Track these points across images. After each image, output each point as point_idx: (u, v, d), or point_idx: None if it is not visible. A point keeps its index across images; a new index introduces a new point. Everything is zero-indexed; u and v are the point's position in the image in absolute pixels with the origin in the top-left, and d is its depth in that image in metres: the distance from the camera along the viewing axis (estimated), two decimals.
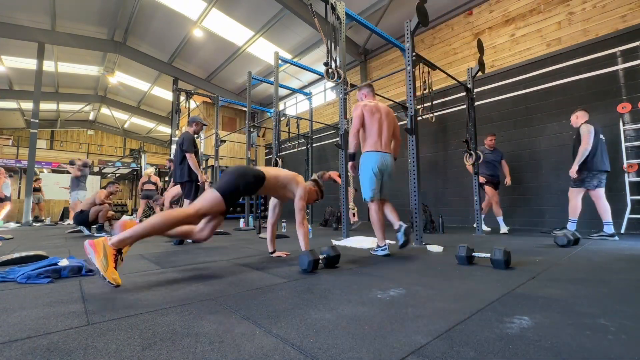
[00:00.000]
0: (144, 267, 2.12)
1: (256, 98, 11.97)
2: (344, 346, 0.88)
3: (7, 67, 10.77)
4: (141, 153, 12.18)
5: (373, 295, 1.38)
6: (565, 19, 5.14)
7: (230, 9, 7.66)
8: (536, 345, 0.87)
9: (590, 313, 1.13)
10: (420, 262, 2.22)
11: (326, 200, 9.30)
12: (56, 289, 1.52)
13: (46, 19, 8.30)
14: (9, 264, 2.12)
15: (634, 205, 4.17)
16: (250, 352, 0.84)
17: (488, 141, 4.90)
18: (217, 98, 7.82)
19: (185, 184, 3.78)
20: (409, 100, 3.32)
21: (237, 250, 2.94)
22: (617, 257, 2.34)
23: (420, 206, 3.17)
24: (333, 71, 3.55)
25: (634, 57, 4.44)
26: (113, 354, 0.84)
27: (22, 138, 14.42)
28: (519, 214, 5.38)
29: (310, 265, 1.84)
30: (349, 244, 3.22)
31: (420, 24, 3.31)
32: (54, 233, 5.26)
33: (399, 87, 7.53)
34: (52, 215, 11.16)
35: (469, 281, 1.63)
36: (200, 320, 1.09)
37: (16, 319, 1.10)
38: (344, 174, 4.06)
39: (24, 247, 3.24)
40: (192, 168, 3.73)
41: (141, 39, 9.46)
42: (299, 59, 8.93)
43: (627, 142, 4.35)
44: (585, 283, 1.58)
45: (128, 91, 13.48)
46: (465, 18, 6.50)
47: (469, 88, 4.52)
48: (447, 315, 1.12)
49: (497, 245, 2.01)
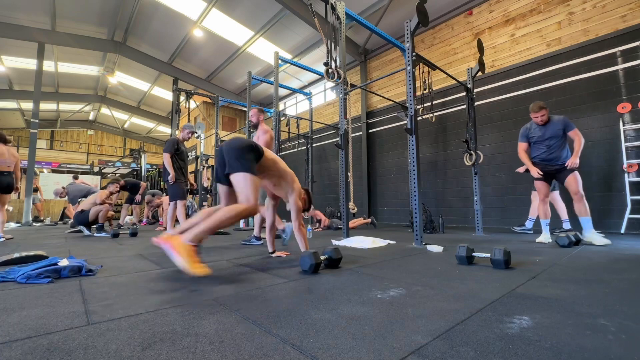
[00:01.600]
0: (144, 267, 2.12)
1: (256, 98, 11.97)
2: (344, 346, 0.88)
3: (7, 67, 10.77)
4: (141, 153, 12.19)
5: (373, 295, 1.38)
6: (565, 19, 5.14)
7: (230, 9, 7.66)
8: (536, 345, 0.87)
9: (590, 313, 1.13)
10: (420, 262, 2.22)
11: (326, 200, 9.31)
12: (56, 289, 1.52)
13: (46, 19, 8.30)
14: (9, 264, 2.13)
15: (634, 205, 4.17)
16: (250, 352, 0.84)
17: (536, 116, 3.26)
18: (217, 98, 7.82)
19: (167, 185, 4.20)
20: (409, 100, 3.32)
21: (237, 250, 2.94)
22: (617, 257, 2.34)
23: (420, 206, 3.17)
24: (333, 71, 3.55)
25: (634, 57, 4.44)
26: (113, 354, 0.84)
27: (22, 138, 14.42)
28: (519, 214, 5.37)
29: (311, 269, 1.84)
30: (349, 244, 3.22)
31: (420, 24, 3.31)
32: (54, 233, 5.26)
33: (399, 87, 7.53)
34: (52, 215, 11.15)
35: (469, 281, 1.63)
36: (200, 320, 1.09)
37: (16, 319, 1.10)
38: (344, 173, 4.06)
39: (24, 247, 3.24)
40: (167, 168, 4.06)
41: (141, 39, 9.46)
42: (299, 59, 8.93)
43: (627, 142, 4.35)
44: (585, 283, 1.58)
45: (128, 91, 13.49)
46: (465, 18, 6.50)
47: (469, 88, 4.52)
48: (447, 315, 1.12)
49: (497, 246, 2.01)
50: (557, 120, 3.24)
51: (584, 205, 3.07)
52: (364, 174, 8.08)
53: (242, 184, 1.87)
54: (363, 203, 7.95)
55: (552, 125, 3.25)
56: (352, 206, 5.57)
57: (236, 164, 1.90)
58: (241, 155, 1.93)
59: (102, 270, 1.98)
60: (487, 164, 5.67)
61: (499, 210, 5.60)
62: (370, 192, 8.04)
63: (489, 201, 5.67)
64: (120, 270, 2.01)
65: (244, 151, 1.95)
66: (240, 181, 1.88)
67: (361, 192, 8.04)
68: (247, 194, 1.84)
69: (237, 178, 1.89)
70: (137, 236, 4.38)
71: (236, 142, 2.00)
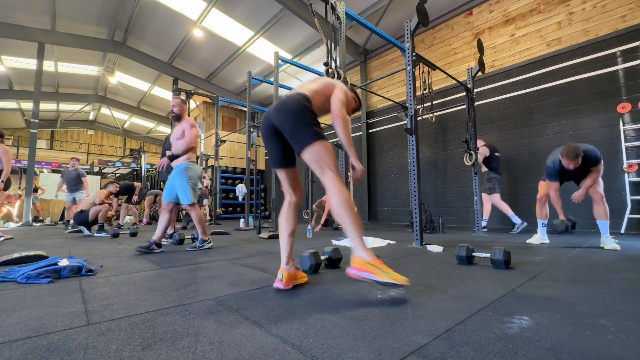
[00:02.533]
0: (144, 267, 2.12)
1: (256, 98, 11.97)
2: (344, 346, 0.88)
3: (7, 67, 10.77)
4: (141, 153, 12.18)
5: (373, 295, 1.38)
6: (565, 19, 5.14)
7: (230, 9, 7.66)
8: (536, 345, 0.87)
9: (590, 313, 1.13)
10: (420, 262, 2.22)
11: None
12: (56, 289, 1.52)
13: (46, 19, 8.30)
14: (9, 264, 2.13)
15: (634, 205, 4.17)
16: (250, 352, 0.84)
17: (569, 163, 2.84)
18: (217, 98, 7.82)
19: None
20: (409, 100, 3.32)
21: (237, 250, 2.94)
22: (617, 257, 2.34)
23: (420, 206, 3.17)
24: (333, 71, 3.54)
25: (634, 57, 4.44)
26: (113, 354, 0.84)
27: (22, 138, 14.42)
28: (519, 214, 5.37)
29: (311, 269, 1.84)
30: (349, 244, 3.21)
31: (420, 24, 3.31)
32: (54, 233, 5.26)
33: (399, 87, 7.53)
34: (52, 215, 11.15)
35: (469, 281, 1.63)
36: (200, 320, 1.09)
37: (16, 319, 1.10)
38: (344, 173, 4.06)
39: (24, 247, 3.24)
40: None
41: (141, 39, 9.45)
42: (299, 59, 8.92)
43: (627, 142, 4.35)
44: (585, 283, 1.58)
45: (128, 91, 13.48)
46: (465, 18, 6.50)
47: (469, 88, 4.52)
48: (447, 315, 1.12)
49: (497, 246, 2.01)
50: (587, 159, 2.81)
51: (604, 208, 2.82)
52: None
53: (319, 155, 1.45)
54: (363, 203, 7.95)
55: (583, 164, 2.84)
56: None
57: (303, 137, 1.47)
58: (302, 122, 1.48)
59: (102, 270, 1.98)
60: None
61: (499, 211, 5.59)
62: (370, 192, 8.04)
63: None
64: (120, 270, 2.01)
65: (302, 114, 1.49)
66: (316, 152, 1.45)
67: (361, 192, 8.03)
68: (330, 164, 1.46)
69: (311, 153, 1.45)
70: (137, 236, 4.38)
71: (290, 108, 1.51)
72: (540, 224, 3.25)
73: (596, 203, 2.86)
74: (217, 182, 8.30)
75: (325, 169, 1.45)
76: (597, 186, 2.84)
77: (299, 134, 1.48)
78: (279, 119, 1.54)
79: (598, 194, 2.84)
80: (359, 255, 1.39)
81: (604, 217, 2.84)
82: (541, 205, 3.19)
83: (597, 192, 2.85)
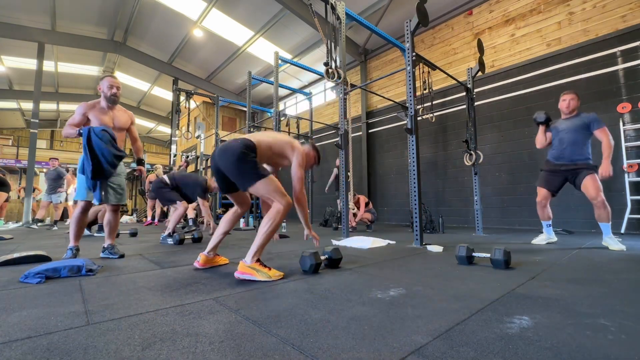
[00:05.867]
0: (144, 267, 2.12)
1: (256, 98, 11.97)
2: (344, 346, 0.88)
3: (7, 67, 10.78)
4: None
5: (373, 295, 1.38)
6: (565, 19, 5.14)
7: (230, 9, 7.66)
8: (536, 345, 0.87)
9: (590, 313, 1.13)
10: (420, 262, 2.22)
11: (326, 200, 9.31)
12: (56, 289, 1.52)
13: (46, 19, 8.31)
14: (9, 264, 2.13)
15: (634, 205, 4.17)
16: (250, 352, 0.84)
17: (564, 98, 3.02)
18: (217, 98, 7.82)
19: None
20: (409, 100, 3.32)
21: (237, 250, 2.94)
22: (617, 257, 2.34)
23: (420, 206, 3.17)
24: (333, 71, 3.55)
25: (634, 57, 4.44)
26: (113, 354, 0.84)
27: (22, 138, 14.42)
28: (519, 214, 5.38)
29: (311, 269, 1.84)
30: (349, 244, 3.22)
31: (420, 24, 3.31)
32: (54, 233, 5.26)
33: (399, 87, 7.53)
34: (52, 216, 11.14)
35: (469, 281, 1.63)
36: (200, 320, 1.09)
37: (16, 319, 1.10)
38: (344, 173, 4.06)
39: (24, 247, 3.24)
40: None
41: (141, 39, 9.46)
42: (299, 59, 8.93)
43: (627, 142, 4.35)
44: (585, 283, 1.58)
45: (128, 91, 13.48)
46: (465, 18, 6.50)
47: (469, 88, 4.52)
48: (447, 315, 1.12)
49: (497, 246, 2.01)
50: (583, 115, 2.89)
51: (606, 211, 2.74)
52: (364, 174, 8.08)
53: (264, 191, 1.77)
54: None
55: (575, 118, 2.92)
56: (353, 206, 5.57)
57: (245, 179, 1.77)
58: (242, 168, 1.75)
59: (102, 270, 1.98)
60: (487, 164, 5.67)
61: (499, 211, 5.60)
62: (370, 192, 8.04)
63: (489, 201, 5.67)
64: (120, 270, 2.01)
65: (241, 162, 1.75)
66: (260, 189, 1.76)
67: (361, 192, 8.03)
68: (274, 196, 1.77)
69: (255, 190, 1.78)
70: (136, 236, 4.38)
71: (228, 157, 1.77)
72: (545, 225, 3.22)
73: (597, 208, 2.79)
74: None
75: (272, 199, 1.78)
76: (595, 189, 2.77)
77: (241, 177, 1.79)
78: (221, 163, 1.83)
79: (597, 199, 2.76)
80: (244, 261, 1.75)
81: (606, 220, 2.78)
82: (541, 208, 3.16)
83: (596, 197, 2.77)
